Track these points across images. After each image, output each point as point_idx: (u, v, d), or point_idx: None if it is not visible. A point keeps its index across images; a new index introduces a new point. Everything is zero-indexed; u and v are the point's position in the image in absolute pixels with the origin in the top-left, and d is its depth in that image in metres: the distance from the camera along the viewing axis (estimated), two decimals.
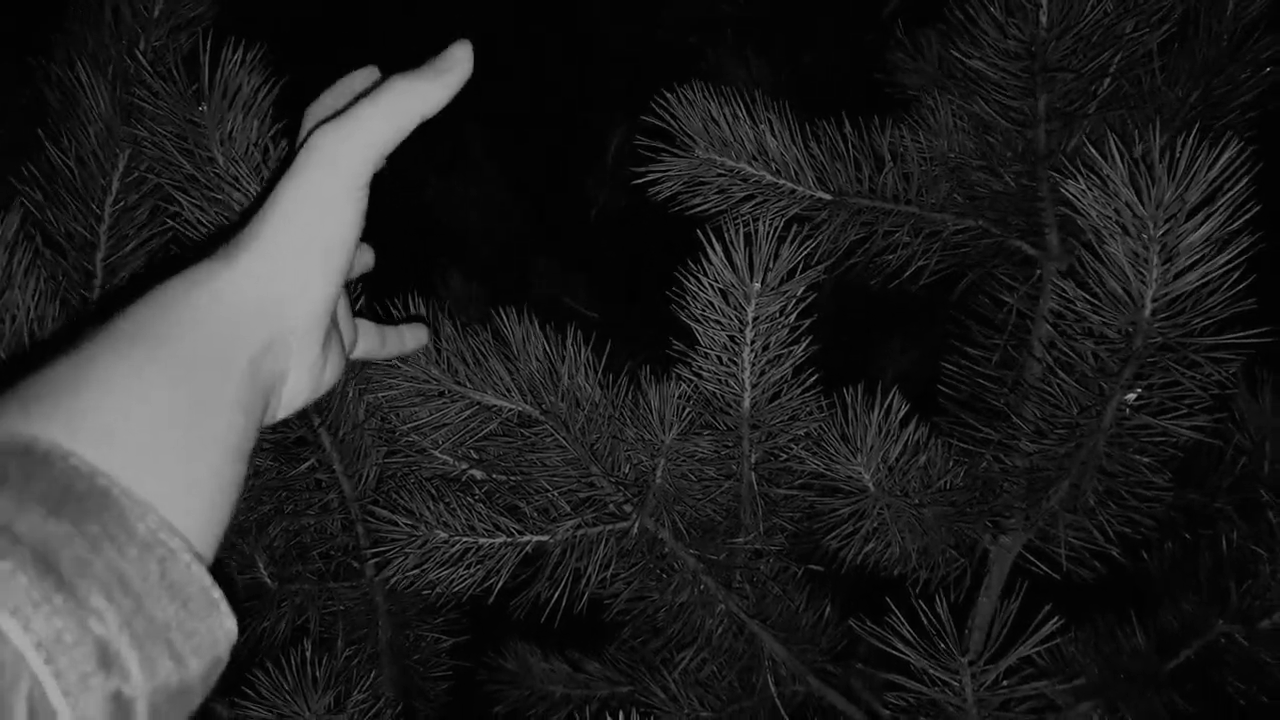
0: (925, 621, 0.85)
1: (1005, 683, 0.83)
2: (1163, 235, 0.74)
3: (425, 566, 0.97)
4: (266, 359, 0.52)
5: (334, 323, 0.62)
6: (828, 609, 1.19)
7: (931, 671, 0.84)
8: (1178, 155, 0.72)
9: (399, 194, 2.83)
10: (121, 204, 1.05)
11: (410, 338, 0.79)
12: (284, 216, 0.54)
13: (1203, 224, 0.72)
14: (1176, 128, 1.00)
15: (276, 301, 0.53)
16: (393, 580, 0.97)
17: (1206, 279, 0.76)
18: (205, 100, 0.93)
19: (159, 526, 0.41)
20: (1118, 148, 0.74)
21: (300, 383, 0.56)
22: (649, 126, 1.01)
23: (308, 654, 1.01)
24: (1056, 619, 0.80)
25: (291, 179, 0.54)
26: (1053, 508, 0.99)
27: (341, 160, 0.54)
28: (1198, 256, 0.75)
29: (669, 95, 0.99)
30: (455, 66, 0.58)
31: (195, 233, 0.95)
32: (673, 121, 1.00)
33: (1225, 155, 0.71)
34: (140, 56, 1.04)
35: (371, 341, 0.74)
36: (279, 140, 0.94)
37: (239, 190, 0.92)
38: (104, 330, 0.47)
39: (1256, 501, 1.06)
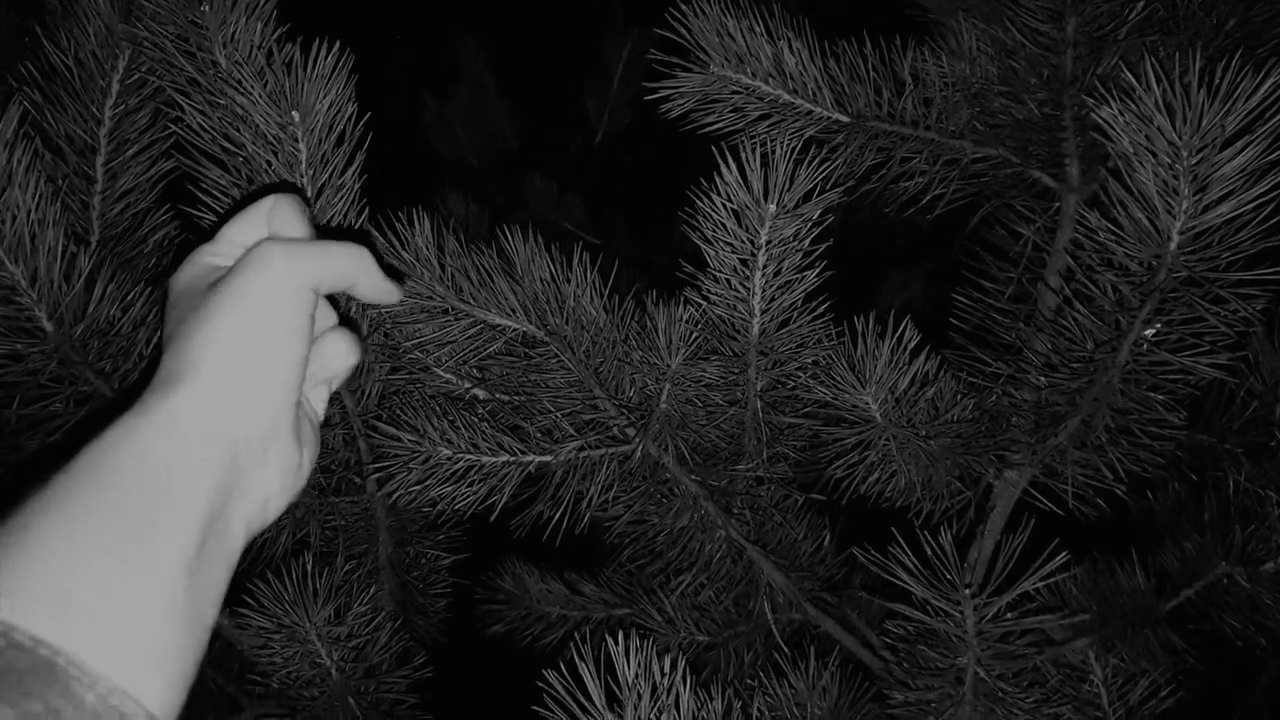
0: (928, 552, 0.85)
1: (1008, 615, 0.83)
2: (1195, 164, 0.71)
3: (428, 483, 0.96)
4: (232, 476, 0.51)
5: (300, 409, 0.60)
6: (827, 538, 1.19)
7: (934, 602, 0.84)
8: (1218, 81, 0.69)
9: (392, 113, 2.77)
10: (122, 107, 1.02)
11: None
12: (227, 329, 0.52)
13: (1240, 153, 0.70)
14: (1211, 56, 0.96)
15: (233, 421, 0.51)
16: (395, 496, 0.97)
17: (1238, 212, 0.73)
18: (207, 0, 0.89)
19: (110, 692, 0.40)
20: (1154, 71, 0.71)
21: (283, 483, 0.55)
22: (661, 39, 0.98)
23: (308, 567, 1.01)
24: (1063, 555, 0.79)
25: (233, 288, 0.53)
26: (1061, 444, 0.98)
27: (290, 271, 0.54)
28: (1230, 188, 0.72)
29: (684, 6, 0.95)
30: (391, 295, 0.62)
31: (197, 139, 0.92)
32: (687, 35, 0.97)
33: (1269, 81, 0.68)
34: None
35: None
36: (283, 44, 0.91)
37: (242, 94, 0.89)
38: (48, 483, 0.45)
39: (1265, 445, 1.05)
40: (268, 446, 0.53)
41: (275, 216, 0.61)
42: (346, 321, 0.66)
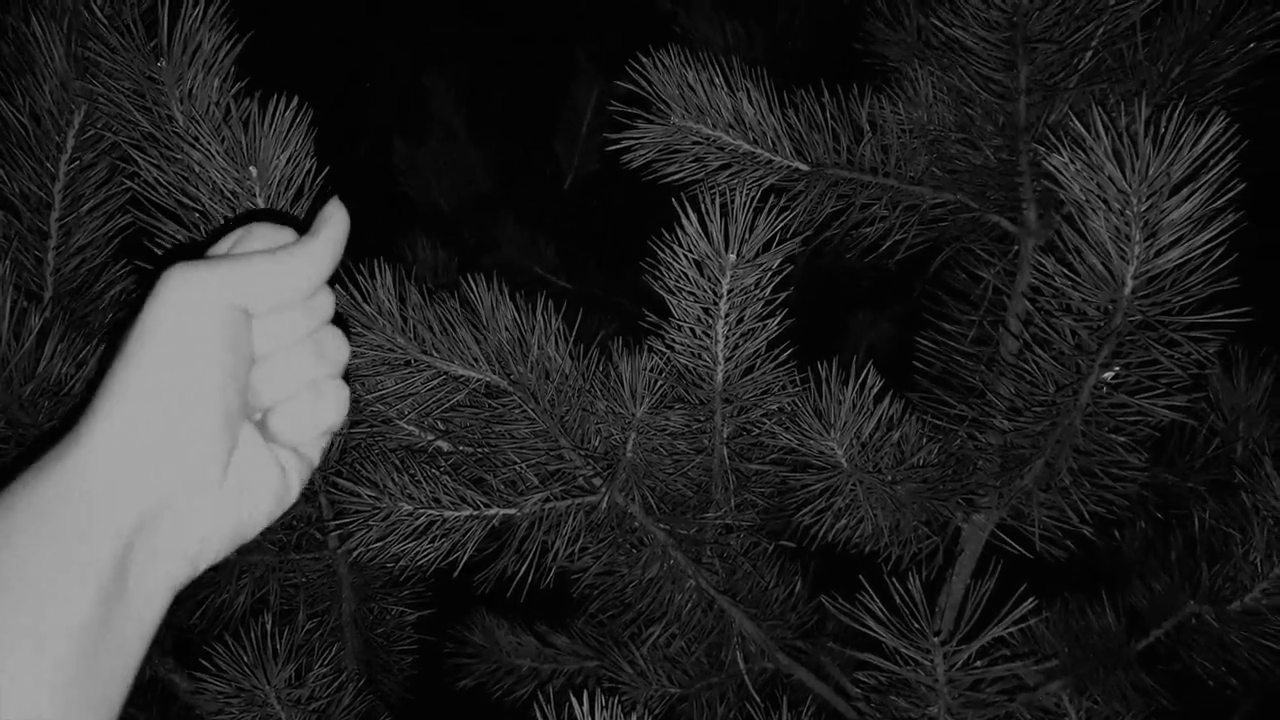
0: (897, 600, 0.84)
1: (978, 663, 0.82)
2: (1145, 211, 0.72)
3: (389, 539, 0.94)
4: (141, 539, 0.46)
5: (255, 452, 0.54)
6: (798, 585, 1.19)
7: (904, 651, 0.83)
8: (1163, 130, 0.70)
9: (362, 157, 2.78)
10: (77, 162, 1.01)
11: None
12: (131, 372, 0.47)
13: (1186, 200, 0.71)
14: (1158, 104, 0.98)
15: (142, 471, 0.46)
16: (356, 553, 0.95)
17: (1188, 257, 0.74)
18: (164, 56, 0.89)
19: None
20: (1102, 120, 0.72)
21: (210, 536, 0.50)
22: (623, 91, 0.99)
23: (268, 627, 0.99)
24: (1031, 600, 0.79)
25: (137, 324, 0.48)
26: (1026, 486, 0.98)
27: (189, 291, 0.48)
28: (1180, 233, 0.73)
29: (644, 59, 0.96)
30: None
31: (154, 194, 0.92)
32: (648, 86, 0.98)
33: (1211, 130, 0.69)
34: (96, 9, 1.00)
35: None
36: (240, 99, 0.91)
37: (198, 149, 0.88)
38: None
39: (1229, 482, 1.06)
40: (190, 498, 0.48)
41: (240, 245, 0.55)
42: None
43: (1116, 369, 0.83)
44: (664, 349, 0.94)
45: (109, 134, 1.00)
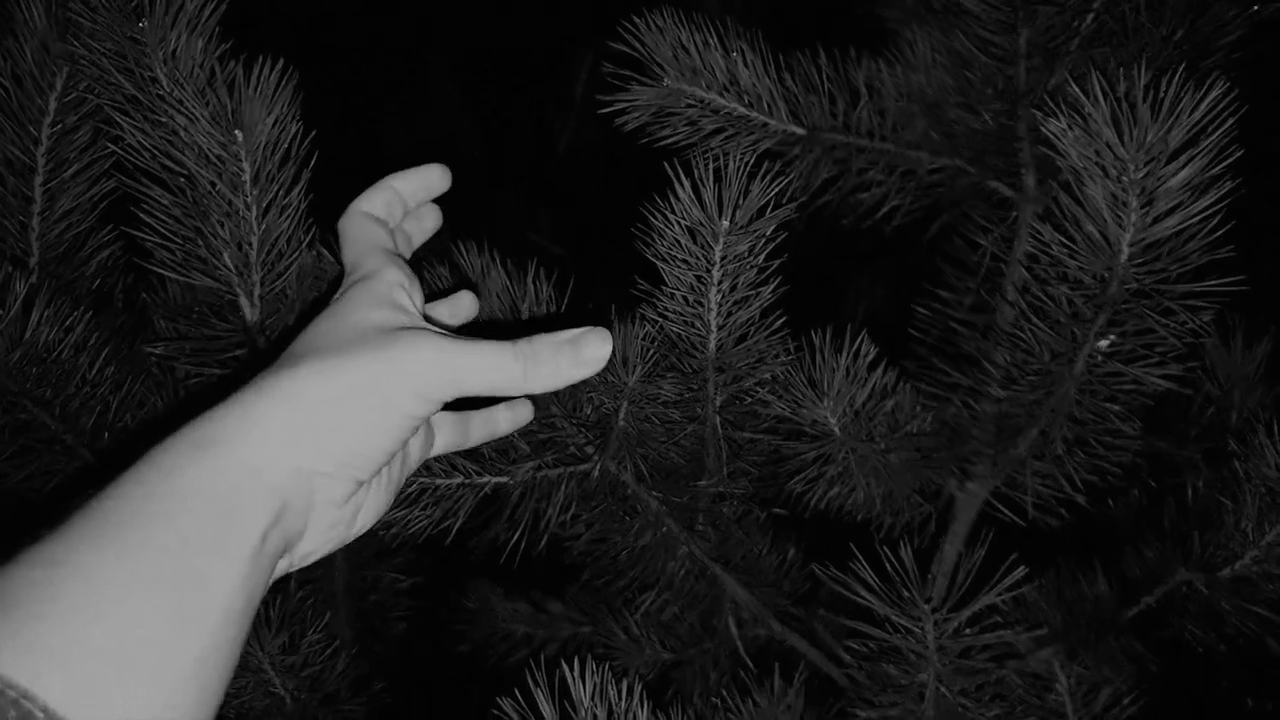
0: (889, 568, 0.84)
1: (968, 630, 0.82)
2: (1143, 178, 0.71)
3: None
4: (276, 531, 0.46)
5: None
6: (791, 553, 1.19)
7: (894, 619, 0.83)
8: (1162, 95, 0.69)
9: (354, 125, 2.74)
10: (60, 126, 0.99)
11: (506, 418, 0.74)
12: (336, 399, 0.48)
13: (1184, 167, 0.69)
14: (1160, 67, 0.97)
15: (297, 471, 0.47)
16: None
17: (1185, 224, 0.73)
18: (146, 16, 0.87)
19: None
20: (1101, 86, 0.71)
21: (321, 540, 0.51)
22: (617, 54, 0.97)
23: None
24: (1021, 568, 0.79)
25: (366, 359, 0.50)
26: (1021, 455, 0.98)
27: (430, 378, 0.51)
28: (1177, 201, 0.72)
29: (638, 20, 0.95)
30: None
31: (138, 158, 0.90)
32: (641, 48, 0.96)
33: (1210, 96, 0.68)
34: None
35: (452, 435, 0.68)
36: (225, 61, 0.89)
37: (182, 113, 0.87)
38: (91, 507, 0.42)
39: (1223, 450, 1.06)
40: (317, 508, 0.49)
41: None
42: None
43: (1112, 338, 0.82)
44: (656, 317, 0.93)
45: (92, 97, 0.99)
